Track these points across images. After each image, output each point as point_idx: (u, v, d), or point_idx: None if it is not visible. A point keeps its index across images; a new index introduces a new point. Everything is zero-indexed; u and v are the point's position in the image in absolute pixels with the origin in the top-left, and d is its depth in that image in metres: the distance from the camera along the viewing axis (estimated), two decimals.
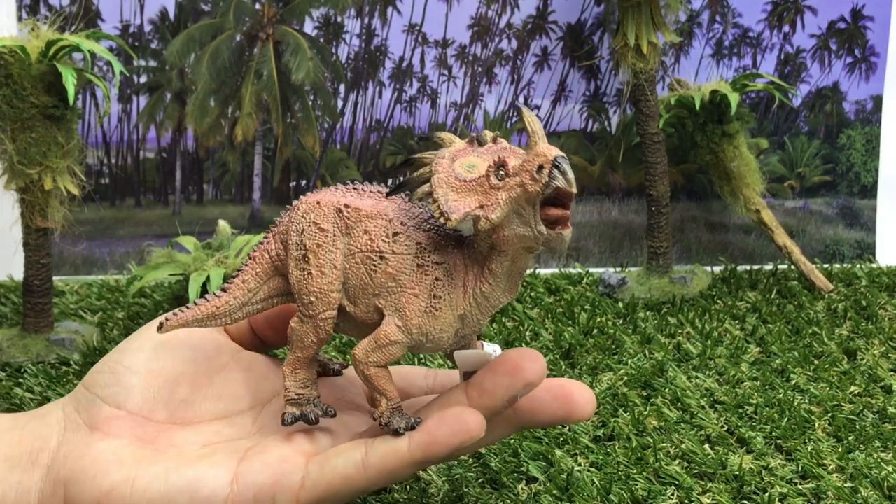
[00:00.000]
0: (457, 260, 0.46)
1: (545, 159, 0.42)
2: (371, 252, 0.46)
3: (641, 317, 0.89)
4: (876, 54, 1.07)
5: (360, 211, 0.47)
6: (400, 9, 1.02)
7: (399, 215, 0.47)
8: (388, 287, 0.46)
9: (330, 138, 1.04)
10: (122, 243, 1.02)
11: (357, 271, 0.47)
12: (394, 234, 0.46)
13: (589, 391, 0.49)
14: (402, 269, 0.46)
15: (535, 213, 0.43)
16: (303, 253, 0.48)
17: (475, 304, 0.46)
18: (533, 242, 0.43)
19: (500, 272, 0.45)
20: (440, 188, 0.44)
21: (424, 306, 0.45)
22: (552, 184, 0.42)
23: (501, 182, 0.43)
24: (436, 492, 0.59)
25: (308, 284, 0.47)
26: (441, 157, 0.45)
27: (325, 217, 0.48)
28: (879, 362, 0.79)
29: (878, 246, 1.09)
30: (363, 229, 0.47)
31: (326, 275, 0.47)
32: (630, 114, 1.05)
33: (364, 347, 0.46)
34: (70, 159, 0.80)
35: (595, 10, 1.04)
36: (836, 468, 0.62)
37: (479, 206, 0.44)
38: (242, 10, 1.01)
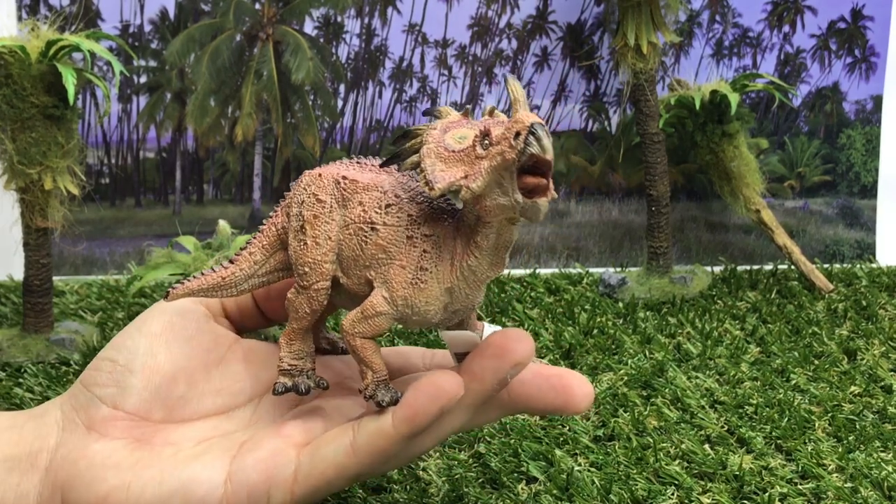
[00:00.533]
0: (446, 233, 0.46)
1: (522, 126, 0.42)
2: (363, 223, 0.47)
3: (641, 317, 0.89)
4: (876, 54, 1.07)
5: (356, 183, 0.48)
6: (400, 9, 1.02)
7: (394, 188, 0.47)
8: (378, 258, 0.46)
9: (330, 138, 1.04)
10: (122, 243, 1.02)
11: (350, 242, 0.47)
12: (386, 205, 0.46)
13: (588, 385, 0.49)
14: (392, 241, 0.46)
15: (513, 181, 0.42)
16: (300, 224, 0.48)
17: (462, 278, 0.45)
18: (512, 212, 0.43)
19: (486, 245, 0.45)
20: (428, 158, 0.44)
21: (411, 278, 0.45)
22: (527, 150, 0.41)
23: (485, 152, 0.43)
24: (436, 492, 0.59)
25: (303, 255, 0.48)
26: (433, 129, 0.46)
27: (324, 189, 0.48)
28: (879, 362, 0.79)
29: (878, 246, 1.09)
30: (358, 201, 0.47)
31: (321, 245, 0.47)
32: (630, 114, 1.05)
33: (351, 318, 0.46)
34: (70, 159, 0.80)
35: (595, 10, 1.04)
36: (836, 468, 0.62)
37: (463, 175, 0.43)
38: (242, 10, 1.01)
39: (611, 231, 1.07)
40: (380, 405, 0.46)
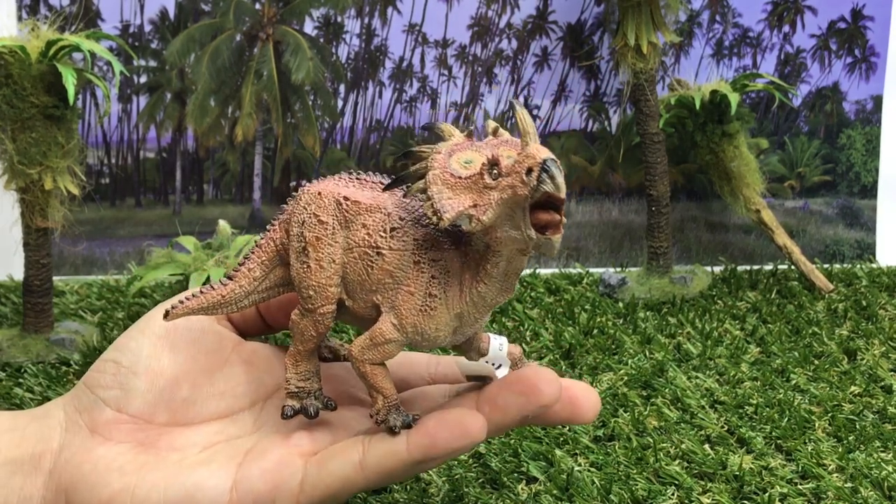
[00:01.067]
0: (454, 258, 0.45)
1: (534, 162, 0.41)
2: (368, 247, 0.46)
3: (641, 317, 0.89)
4: (876, 54, 1.07)
5: (359, 204, 0.47)
6: (400, 9, 1.02)
7: (398, 210, 0.46)
8: (384, 283, 0.45)
9: (330, 138, 1.04)
10: (122, 243, 1.02)
11: (355, 266, 0.46)
12: (391, 229, 0.46)
13: (594, 394, 0.49)
14: (399, 266, 0.45)
15: (525, 217, 0.41)
16: (303, 245, 0.47)
17: (471, 304, 0.45)
18: (523, 245, 0.43)
19: (496, 273, 0.44)
20: (435, 185, 0.43)
21: (420, 304, 0.45)
22: (541, 188, 0.40)
23: (494, 182, 0.42)
24: (436, 492, 0.59)
25: (307, 278, 0.47)
26: (437, 152, 0.45)
27: (326, 209, 0.47)
28: (879, 362, 0.79)
29: (878, 246, 1.09)
30: (361, 223, 0.46)
31: (325, 269, 0.46)
32: (630, 114, 1.05)
33: (360, 345, 0.46)
34: (70, 159, 0.80)
35: (595, 10, 1.04)
36: (836, 468, 0.62)
37: (472, 205, 0.43)
38: (242, 10, 1.01)
39: (611, 231, 1.07)
40: (392, 431, 0.45)
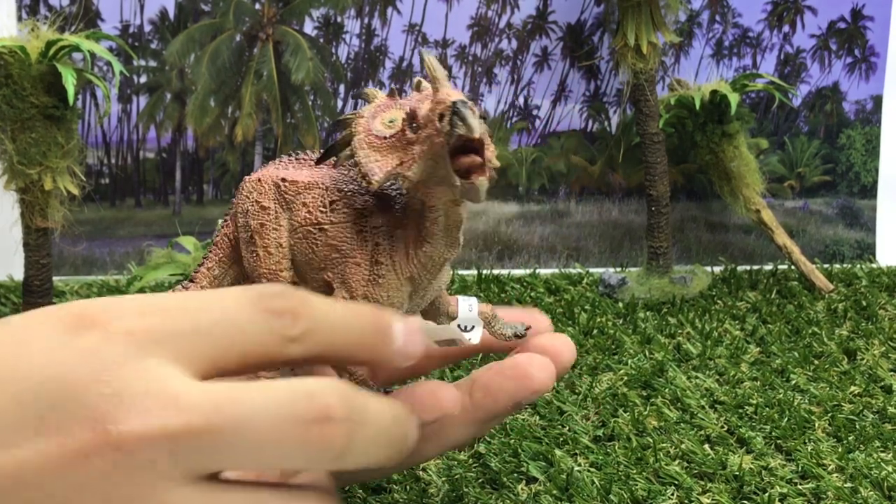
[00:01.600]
0: (395, 222, 0.44)
1: (444, 106, 0.39)
2: (311, 225, 0.45)
3: (641, 317, 0.89)
4: (876, 54, 1.07)
5: (297, 183, 0.46)
6: (400, 9, 1.02)
7: (335, 183, 0.45)
8: (331, 259, 0.44)
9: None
10: (122, 243, 1.02)
11: (301, 246, 0.45)
12: (330, 202, 0.45)
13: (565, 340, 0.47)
14: (343, 239, 0.44)
15: (447, 165, 0.40)
16: (249, 234, 0.46)
17: (420, 265, 0.44)
18: (452, 195, 0.42)
19: (437, 229, 0.43)
20: (361, 150, 0.43)
21: (368, 274, 0.44)
22: (454, 132, 0.39)
23: (415, 135, 0.41)
24: (436, 492, 0.59)
25: (258, 266, 0.46)
26: (361, 117, 0.44)
27: (266, 194, 0.46)
28: (879, 362, 0.79)
29: (878, 246, 1.09)
30: (302, 202, 0.45)
31: (273, 254, 0.46)
32: (630, 114, 1.05)
33: None
34: (70, 159, 0.80)
35: (595, 10, 1.04)
36: (835, 468, 0.62)
37: (399, 163, 0.42)
38: (242, 11, 1.01)
39: (611, 231, 1.07)
40: None
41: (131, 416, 0.32)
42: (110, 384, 0.32)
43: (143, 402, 0.32)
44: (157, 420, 0.32)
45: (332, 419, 0.33)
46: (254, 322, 0.35)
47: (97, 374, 0.32)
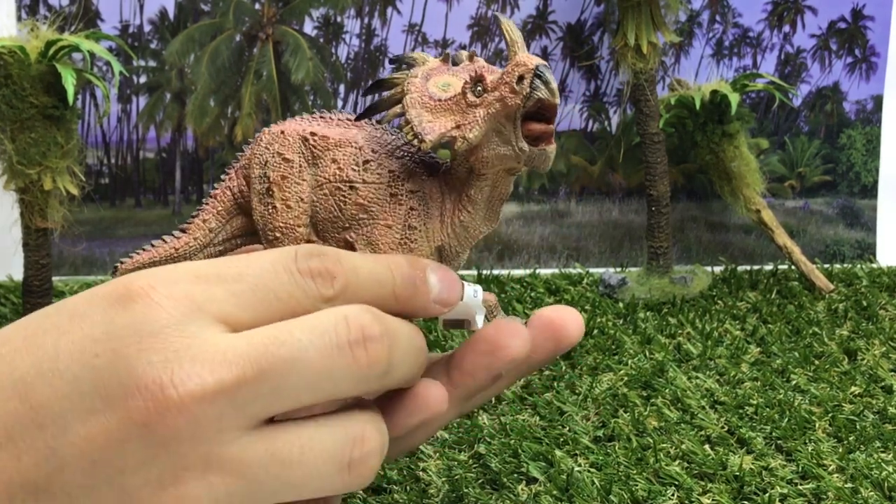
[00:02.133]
0: (433, 188, 0.43)
1: (526, 69, 0.39)
2: (340, 182, 0.43)
3: (641, 317, 0.89)
4: (876, 54, 1.07)
5: (327, 139, 0.44)
6: (400, 9, 1.02)
7: (370, 142, 0.44)
8: (358, 219, 0.43)
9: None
10: (121, 243, 1.02)
11: (325, 203, 0.43)
12: (364, 161, 0.43)
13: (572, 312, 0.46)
14: (374, 199, 0.43)
15: (517, 130, 0.40)
16: (266, 186, 0.44)
17: (453, 235, 0.43)
18: (514, 162, 0.41)
19: (480, 198, 0.42)
20: (413, 108, 0.41)
21: (399, 238, 0.43)
22: (534, 95, 0.39)
23: (479, 99, 0.40)
24: (435, 492, 0.59)
25: (273, 219, 0.44)
26: (413, 77, 0.42)
27: (290, 147, 0.44)
28: (880, 362, 0.79)
29: (878, 246, 1.09)
30: (331, 158, 0.43)
31: (292, 208, 0.44)
32: (630, 114, 1.05)
33: None
34: (69, 159, 0.80)
35: (595, 10, 1.04)
36: (836, 468, 0.62)
37: (455, 126, 0.41)
38: (242, 10, 1.01)
39: (611, 231, 1.07)
40: None
41: (186, 379, 0.32)
42: (159, 352, 0.33)
43: (192, 362, 0.33)
44: (210, 377, 0.33)
45: (372, 338, 0.35)
46: (291, 285, 0.36)
47: (144, 343, 0.33)
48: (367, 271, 0.39)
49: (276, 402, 0.34)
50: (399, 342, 0.37)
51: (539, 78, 0.39)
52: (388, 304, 0.39)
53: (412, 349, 0.38)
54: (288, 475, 0.35)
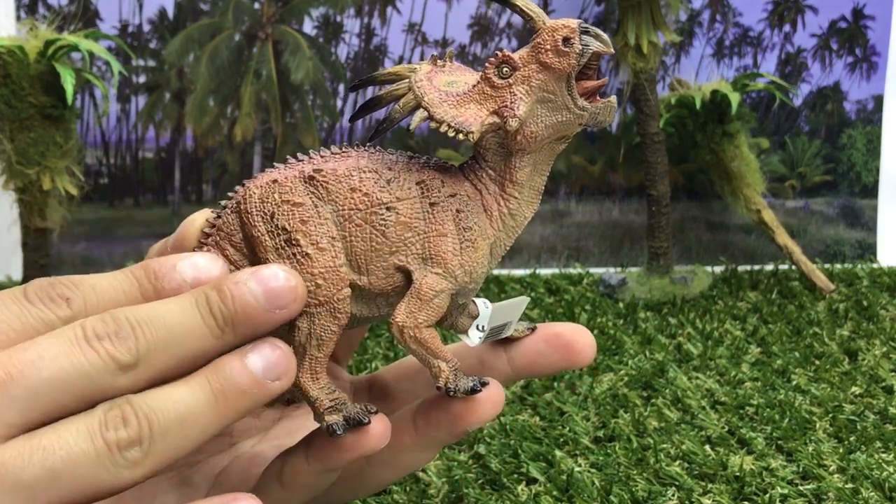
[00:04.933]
0: (467, 187, 0.42)
1: (569, 29, 0.38)
2: (373, 206, 0.40)
3: (642, 317, 0.89)
4: (877, 54, 1.07)
5: (335, 171, 0.41)
6: (399, 8, 1.02)
7: (377, 164, 0.41)
8: (405, 239, 0.40)
9: (329, 138, 1.04)
10: (120, 243, 1.02)
11: (362, 234, 0.40)
12: (388, 181, 0.41)
13: (588, 335, 0.46)
14: (415, 215, 0.41)
15: (572, 91, 0.39)
16: (286, 237, 0.40)
17: (503, 227, 0.42)
18: (573, 126, 0.40)
19: (524, 181, 0.42)
20: (438, 108, 0.40)
21: (458, 242, 0.41)
22: (588, 50, 0.38)
23: (507, 80, 0.40)
24: (435, 492, 0.59)
25: (308, 268, 0.40)
26: (419, 81, 0.41)
27: (294, 191, 0.41)
28: (880, 363, 0.79)
29: (879, 246, 1.09)
30: (349, 188, 0.40)
31: (327, 249, 0.40)
32: (630, 114, 1.05)
33: (407, 310, 0.40)
34: (68, 159, 0.80)
35: (595, 9, 1.04)
36: (837, 469, 0.62)
37: (491, 112, 0.40)
38: (241, 10, 1.01)
39: (611, 231, 1.07)
40: (473, 391, 0.41)
41: None
42: None
43: None
44: None
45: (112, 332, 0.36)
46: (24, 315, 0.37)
47: None
48: (107, 283, 0.39)
49: (31, 406, 0.35)
50: (150, 324, 0.37)
51: (586, 33, 0.38)
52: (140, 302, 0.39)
53: (169, 329, 0.37)
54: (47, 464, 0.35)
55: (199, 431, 0.37)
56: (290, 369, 0.39)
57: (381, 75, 0.42)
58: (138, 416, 0.36)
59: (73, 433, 0.35)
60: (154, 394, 0.36)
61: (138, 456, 0.35)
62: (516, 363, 0.46)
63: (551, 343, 0.45)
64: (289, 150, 1.03)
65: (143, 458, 0.36)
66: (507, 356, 0.46)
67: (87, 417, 0.36)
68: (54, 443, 0.35)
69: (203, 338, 0.38)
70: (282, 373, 0.39)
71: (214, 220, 0.43)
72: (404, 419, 0.44)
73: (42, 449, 0.34)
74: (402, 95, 0.41)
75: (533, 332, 0.47)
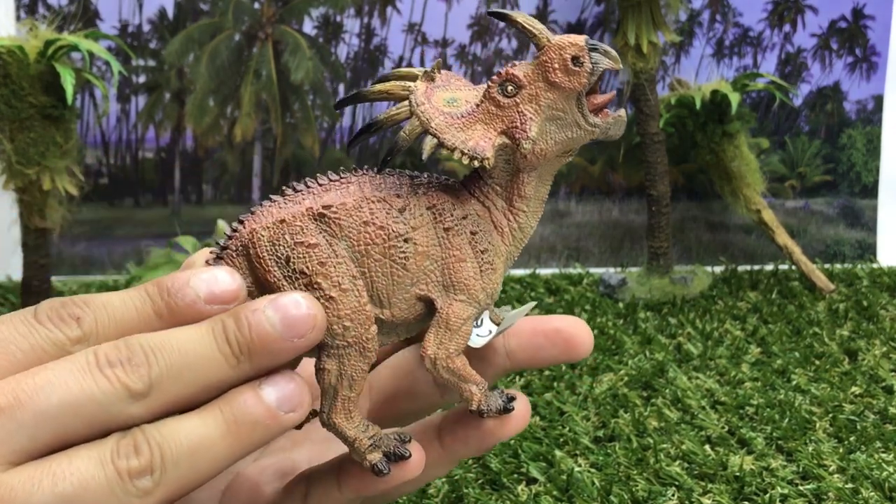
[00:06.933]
0: (475, 206, 0.41)
1: (578, 48, 0.38)
2: (391, 240, 0.40)
3: (642, 317, 0.89)
4: (877, 54, 1.07)
5: (345, 205, 0.40)
6: (399, 8, 1.02)
7: (383, 192, 0.40)
8: (425, 269, 0.40)
9: (329, 138, 1.04)
10: (120, 243, 1.02)
11: (382, 269, 0.40)
12: (399, 210, 0.40)
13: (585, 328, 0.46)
14: (432, 243, 0.40)
15: (583, 108, 0.39)
16: (306, 280, 0.39)
17: (513, 241, 0.42)
18: (582, 141, 0.40)
19: (531, 194, 0.41)
20: (447, 133, 0.39)
21: (478, 266, 0.41)
22: (598, 68, 0.38)
23: (515, 97, 0.39)
24: (435, 492, 0.59)
25: (334, 311, 0.39)
26: (420, 104, 0.40)
27: (306, 231, 0.39)
28: (880, 363, 0.79)
29: (878, 246, 1.09)
30: (361, 222, 0.40)
31: (350, 290, 0.39)
32: (630, 114, 1.05)
33: (437, 342, 0.40)
34: (68, 159, 0.80)
35: (595, 9, 1.04)
36: (837, 469, 0.62)
37: (499, 132, 0.39)
38: (241, 10, 1.01)
39: (611, 231, 1.07)
40: (506, 410, 0.41)
41: None
42: None
43: None
44: None
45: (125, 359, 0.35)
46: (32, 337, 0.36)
47: None
48: (119, 301, 0.38)
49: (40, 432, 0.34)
50: (164, 352, 0.36)
51: (594, 50, 0.38)
52: (155, 323, 0.38)
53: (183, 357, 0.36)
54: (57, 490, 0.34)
55: (211, 462, 0.36)
56: (305, 401, 0.38)
57: (369, 93, 0.41)
58: (150, 445, 0.35)
59: (85, 460, 0.35)
60: (167, 424, 0.36)
61: (149, 485, 0.35)
62: (516, 357, 0.46)
63: (550, 338, 0.45)
64: (289, 150, 1.03)
65: (155, 487, 0.35)
66: (506, 350, 0.46)
67: (99, 445, 0.35)
68: (65, 469, 0.34)
69: (218, 366, 0.37)
70: (296, 405, 0.38)
71: (213, 261, 0.41)
72: (428, 435, 0.44)
73: (52, 475, 0.34)
74: (403, 119, 0.40)
75: None
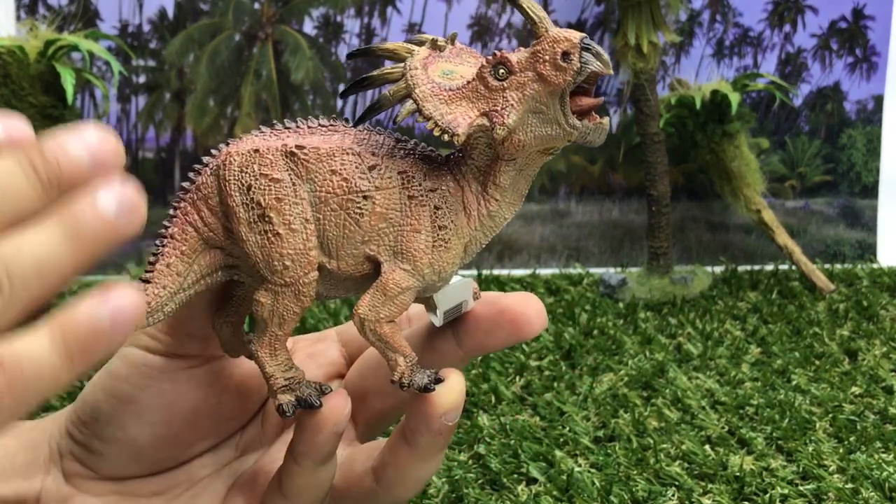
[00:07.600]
0: (450, 182, 0.41)
1: (571, 44, 0.37)
2: (350, 193, 0.39)
3: (642, 317, 0.89)
4: (877, 54, 1.07)
5: (318, 150, 0.40)
6: (400, 8, 1.02)
7: (365, 146, 0.40)
8: (379, 230, 0.40)
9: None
10: None
11: (336, 219, 0.40)
12: (369, 167, 0.40)
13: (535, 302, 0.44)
14: (392, 206, 0.40)
15: (565, 107, 0.38)
16: (260, 212, 0.40)
17: (480, 228, 0.41)
18: (561, 141, 0.38)
19: (507, 184, 0.40)
20: (428, 102, 0.39)
21: (431, 241, 0.40)
22: (586, 69, 0.37)
23: (502, 82, 0.38)
24: (435, 492, 0.59)
25: (278, 247, 0.40)
26: (413, 69, 0.39)
27: (274, 165, 0.40)
28: (881, 363, 0.79)
29: (879, 246, 1.09)
30: (329, 170, 0.40)
31: (298, 231, 0.40)
32: (630, 114, 1.05)
33: (370, 303, 0.40)
34: None
35: (595, 9, 1.04)
36: (837, 469, 0.62)
37: (481, 113, 0.39)
38: (241, 10, 1.01)
39: (611, 231, 1.07)
40: (426, 389, 0.41)
41: None
42: None
43: None
44: None
45: None
46: None
47: None
48: None
49: None
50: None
51: (587, 50, 0.37)
52: None
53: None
54: None
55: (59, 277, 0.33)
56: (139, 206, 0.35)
57: (378, 49, 0.41)
58: None
59: None
60: (9, 242, 0.32)
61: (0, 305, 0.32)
62: (466, 345, 0.44)
63: (496, 320, 0.44)
64: None
65: (5, 307, 0.32)
66: (455, 339, 0.44)
67: None
68: None
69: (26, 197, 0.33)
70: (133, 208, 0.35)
71: (194, 176, 0.42)
72: (396, 435, 0.44)
73: None
74: (396, 79, 0.40)
75: None
